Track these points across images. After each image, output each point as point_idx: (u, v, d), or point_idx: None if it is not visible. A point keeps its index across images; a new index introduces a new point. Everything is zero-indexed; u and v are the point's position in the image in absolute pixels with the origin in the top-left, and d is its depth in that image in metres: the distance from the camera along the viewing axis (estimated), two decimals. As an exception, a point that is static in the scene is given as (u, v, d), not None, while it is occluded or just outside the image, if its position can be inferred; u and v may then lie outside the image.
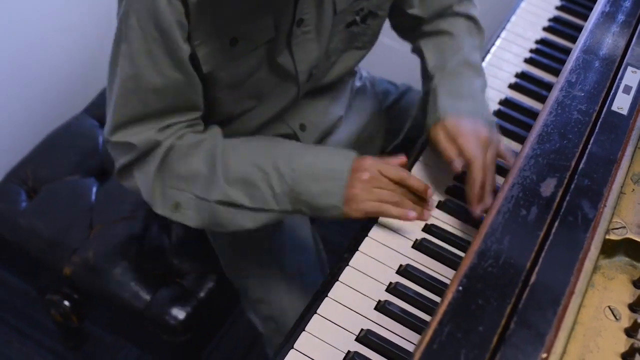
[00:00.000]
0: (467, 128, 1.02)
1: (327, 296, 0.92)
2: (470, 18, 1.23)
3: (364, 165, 0.99)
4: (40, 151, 1.46)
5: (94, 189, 1.40)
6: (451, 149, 1.02)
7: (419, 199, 1.01)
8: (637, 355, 0.77)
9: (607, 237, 0.85)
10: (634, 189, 0.95)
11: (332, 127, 1.28)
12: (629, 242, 0.86)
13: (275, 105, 1.16)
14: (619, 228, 0.86)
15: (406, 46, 1.32)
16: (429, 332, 0.69)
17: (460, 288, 0.73)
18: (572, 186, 0.84)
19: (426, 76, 1.18)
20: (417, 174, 1.08)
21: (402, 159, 1.03)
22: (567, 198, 0.83)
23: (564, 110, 0.93)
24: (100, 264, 1.27)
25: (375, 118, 1.37)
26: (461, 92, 1.10)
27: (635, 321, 0.79)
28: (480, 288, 0.73)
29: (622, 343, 0.79)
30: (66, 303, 1.31)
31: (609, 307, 0.82)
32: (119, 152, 1.05)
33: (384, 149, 1.38)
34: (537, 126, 0.91)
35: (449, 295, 0.72)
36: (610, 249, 0.86)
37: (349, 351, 0.86)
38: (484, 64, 1.29)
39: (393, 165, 1.01)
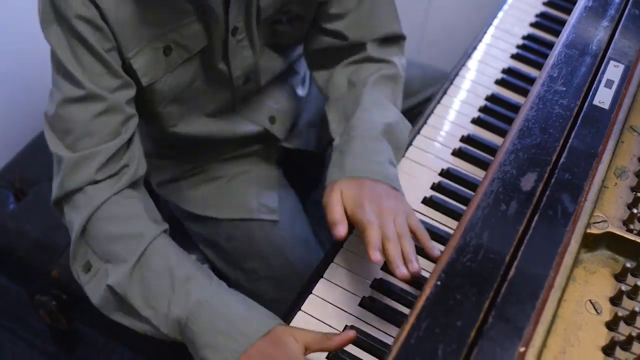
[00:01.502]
0: (370, 192, 0.92)
1: (311, 293, 0.92)
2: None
3: (280, 340, 0.84)
4: (27, 154, 1.47)
5: (83, 190, 1.40)
6: (339, 212, 0.91)
7: None
8: (617, 348, 0.77)
9: (588, 230, 0.85)
10: (616, 183, 0.95)
11: (299, 109, 1.29)
12: (610, 235, 0.86)
13: (207, 108, 1.16)
14: (600, 222, 0.86)
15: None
16: (407, 327, 0.69)
17: (439, 283, 0.73)
18: (553, 180, 0.84)
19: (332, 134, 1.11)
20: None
21: (349, 335, 0.84)
22: (547, 192, 0.83)
23: (545, 105, 0.93)
24: (88, 265, 1.27)
25: None
26: (370, 156, 0.99)
27: (616, 314, 0.79)
28: (458, 283, 0.73)
29: (603, 336, 0.79)
30: (54, 304, 1.32)
31: (590, 301, 0.82)
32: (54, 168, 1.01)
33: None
34: (518, 121, 0.91)
35: (427, 290, 0.72)
36: (591, 242, 0.86)
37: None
38: (471, 61, 1.30)
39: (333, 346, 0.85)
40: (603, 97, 0.95)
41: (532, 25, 1.40)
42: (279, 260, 1.22)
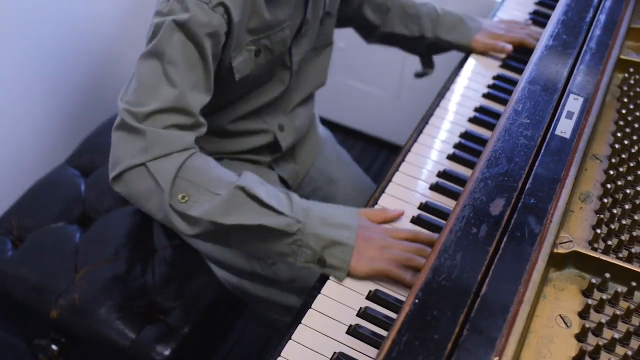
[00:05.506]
0: (498, 28, 1.48)
1: (300, 323, 0.97)
2: None
3: (366, 224, 1.06)
4: (25, 202, 1.52)
5: (78, 235, 1.45)
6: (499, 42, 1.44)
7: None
8: (586, 357, 0.83)
9: (556, 250, 0.91)
10: (581, 207, 1.02)
11: (307, 128, 1.47)
12: (576, 254, 0.92)
13: (266, 96, 1.31)
14: (566, 242, 0.93)
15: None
16: (388, 342, 0.75)
17: (417, 301, 0.79)
18: (519, 205, 0.91)
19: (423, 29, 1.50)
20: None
21: (397, 214, 1.11)
22: (515, 216, 0.89)
23: (510, 137, 1.00)
24: (85, 305, 1.32)
25: None
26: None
27: (584, 327, 0.85)
28: (435, 300, 0.79)
29: (573, 348, 0.84)
30: (54, 347, 1.35)
31: (560, 315, 0.88)
32: (124, 147, 1.08)
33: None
34: (486, 152, 0.98)
35: (406, 308, 0.78)
36: (559, 262, 0.92)
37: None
38: (444, 101, 1.38)
39: (392, 216, 1.11)
40: (564, 128, 1.02)
41: (502, 66, 1.48)
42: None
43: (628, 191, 1.01)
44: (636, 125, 1.12)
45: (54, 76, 1.80)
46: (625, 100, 1.18)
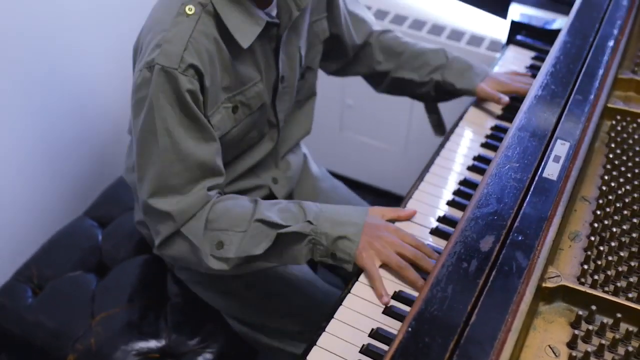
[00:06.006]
0: (504, 78, 1.56)
1: (315, 344, 1.03)
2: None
3: (374, 215, 1.19)
4: (45, 251, 1.59)
5: (94, 283, 1.52)
6: (498, 94, 1.51)
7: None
8: (573, 384, 0.87)
9: (544, 285, 0.97)
10: (570, 245, 1.07)
11: (300, 172, 1.56)
12: (564, 288, 0.97)
13: (258, 154, 1.40)
14: (554, 277, 0.98)
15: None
16: (382, 367, 0.80)
17: (410, 329, 0.84)
18: (508, 242, 0.96)
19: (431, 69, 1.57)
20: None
21: (412, 211, 1.25)
22: (504, 252, 0.95)
23: (500, 179, 1.06)
24: (101, 349, 1.37)
25: None
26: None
27: (571, 355, 0.90)
28: (427, 328, 0.84)
29: (562, 376, 0.89)
30: (70, 390, 1.41)
31: (549, 346, 0.93)
32: (157, 222, 1.22)
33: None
34: (477, 194, 1.04)
35: (400, 336, 0.84)
36: (548, 295, 0.97)
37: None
38: (444, 152, 1.45)
39: (406, 214, 1.24)
40: (551, 171, 1.09)
41: (498, 117, 1.55)
42: (298, 296, 1.41)
43: (614, 229, 1.07)
44: (623, 169, 1.18)
45: (74, 133, 1.89)
46: (613, 145, 1.24)
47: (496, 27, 2.13)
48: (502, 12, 2.14)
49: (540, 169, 1.09)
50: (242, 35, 1.19)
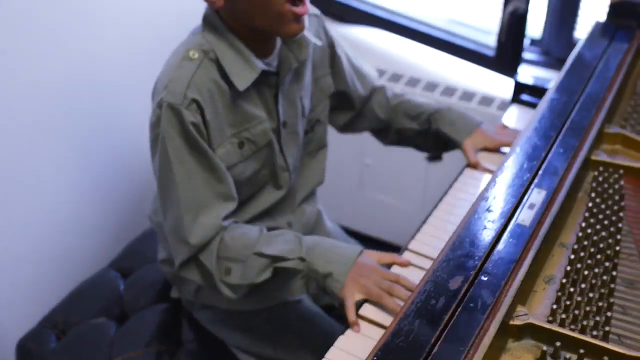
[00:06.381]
0: (492, 132, 1.65)
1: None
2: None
3: (367, 257, 1.31)
4: (70, 300, 1.71)
5: (114, 329, 1.62)
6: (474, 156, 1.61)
7: None
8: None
9: (512, 322, 1.03)
10: (544, 288, 1.13)
11: (314, 223, 1.68)
12: (531, 326, 1.03)
13: (272, 197, 1.52)
14: (522, 315, 1.04)
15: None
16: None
17: (375, 358, 0.91)
18: (476, 281, 1.03)
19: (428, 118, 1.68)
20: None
21: (405, 261, 1.33)
22: (471, 290, 1.02)
23: (476, 225, 1.14)
24: (117, 390, 1.47)
25: None
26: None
27: (534, 386, 0.95)
28: (391, 358, 0.91)
29: (524, 407, 0.94)
30: None
31: (515, 380, 0.99)
32: (177, 247, 1.37)
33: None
34: (452, 238, 1.12)
35: (366, 364, 0.91)
36: (516, 333, 1.03)
37: None
38: (442, 205, 1.53)
39: (401, 261, 1.34)
40: (525, 217, 1.16)
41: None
42: (312, 329, 1.52)
43: (586, 272, 1.13)
44: (600, 216, 1.25)
45: (102, 190, 2.03)
46: (593, 195, 1.31)
47: (504, 88, 2.23)
48: (512, 73, 2.24)
49: (515, 215, 1.16)
50: (239, 79, 1.34)
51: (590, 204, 1.29)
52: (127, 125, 2.05)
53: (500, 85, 2.26)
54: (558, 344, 1.00)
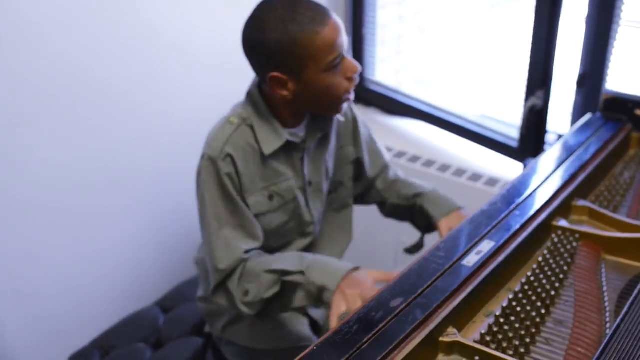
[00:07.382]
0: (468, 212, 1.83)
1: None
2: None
3: (361, 273, 1.54)
4: (117, 328, 2.02)
5: (149, 353, 1.90)
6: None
7: None
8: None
9: (442, 339, 1.25)
10: (483, 320, 1.35)
11: None
12: (458, 344, 1.25)
13: (300, 244, 1.81)
14: (452, 334, 1.26)
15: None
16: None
17: (315, 348, 1.16)
18: (413, 303, 1.27)
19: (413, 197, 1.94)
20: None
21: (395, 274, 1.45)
22: (407, 309, 1.25)
23: (426, 262, 1.38)
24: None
25: None
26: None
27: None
28: (328, 349, 1.16)
29: (438, 403, 1.16)
30: None
31: (437, 384, 1.20)
32: (210, 275, 1.66)
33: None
34: (404, 271, 1.36)
35: (308, 351, 1.16)
36: (446, 349, 1.25)
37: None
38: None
39: (385, 276, 1.55)
40: (470, 260, 1.39)
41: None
42: None
43: (519, 309, 1.34)
44: (546, 269, 1.46)
45: (155, 239, 2.37)
46: (546, 252, 1.53)
47: (512, 169, 2.48)
48: (519, 158, 2.51)
49: (462, 259, 1.40)
50: (267, 145, 1.67)
51: (540, 259, 1.51)
52: (182, 184, 2.41)
53: (505, 167, 2.53)
54: (477, 358, 1.21)
